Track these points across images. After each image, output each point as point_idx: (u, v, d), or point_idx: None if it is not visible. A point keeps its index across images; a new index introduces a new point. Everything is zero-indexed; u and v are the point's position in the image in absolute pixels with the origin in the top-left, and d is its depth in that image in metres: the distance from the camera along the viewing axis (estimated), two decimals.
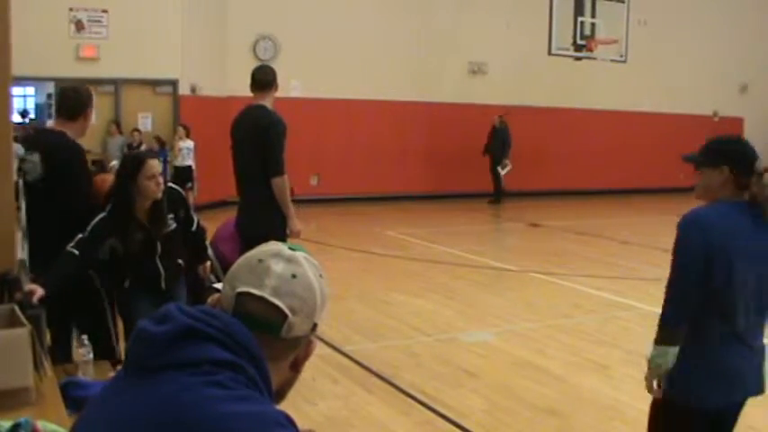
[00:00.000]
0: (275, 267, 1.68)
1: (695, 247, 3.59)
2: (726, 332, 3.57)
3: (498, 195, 20.27)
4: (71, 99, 5.58)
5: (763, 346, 3.72)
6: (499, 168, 20.00)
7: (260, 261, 1.70)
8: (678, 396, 3.66)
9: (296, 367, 1.76)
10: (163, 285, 5.38)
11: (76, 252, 4.95)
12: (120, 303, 5.45)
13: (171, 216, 5.33)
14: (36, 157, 5.15)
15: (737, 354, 3.60)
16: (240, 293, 1.68)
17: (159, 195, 5.17)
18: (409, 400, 6.47)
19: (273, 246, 1.75)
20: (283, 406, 1.75)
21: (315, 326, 1.71)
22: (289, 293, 1.66)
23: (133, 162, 5.21)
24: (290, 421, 1.58)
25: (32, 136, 5.86)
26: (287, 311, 1.65)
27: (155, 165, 5.15)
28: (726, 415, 3.76)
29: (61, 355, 4.79)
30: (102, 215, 5.10)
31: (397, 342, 8.10)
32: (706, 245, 3.54)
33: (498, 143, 20.27)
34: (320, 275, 1.74)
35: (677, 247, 3.72)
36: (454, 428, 5.73)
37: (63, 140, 5.42)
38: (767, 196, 3.55)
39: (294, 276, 1.68)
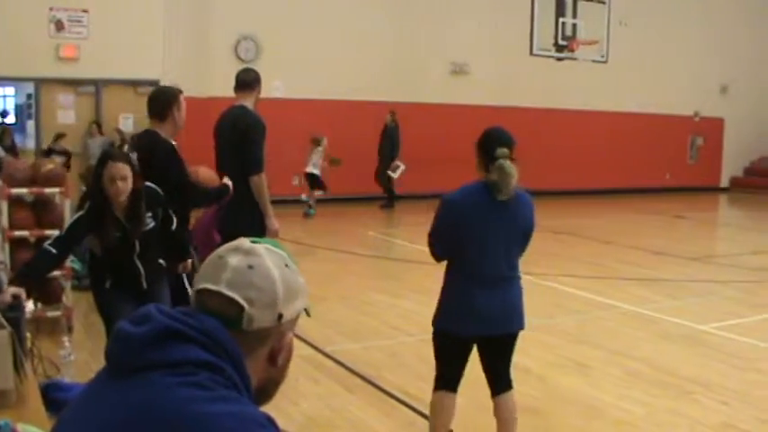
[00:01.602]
0: (232, 261, 1.68)
1: (442, 218, 4.75)
2: (469, 277, 4.70)
3: (391, 200, 19.53)
4: (157, 100, 5.99)
5: (510, 290, 4.77)
6: (389, 172, 19.35)
7: (219, 257, 1.71)
8: (438, 324, 4.87)
9: (273, 361, 1.74)
10: (143, 285, 5.36)
11: (53, 250, 5.00)
12: (101, 304, 5.42)
13: (149, 215, 5.30)
14: (135, 158, 5.54)
15: (478, 294, 4.67)
16: (198, 290, 1.69)
17: (122, 198, 5.09)
18: (392, 400, 6.48)
19: (236, 241, 1.75)
20: (264, 406, 1.75)
21: (281, 316, 1.69)
22: (245, 285, 1.66)
23: (100, 161, 5.19)
24: (270, 422, 1.58)
25: (135, 138, 6.23)
26: (243, 303, 1.65)
27: (118, 168, 5.03)
28: (474, 343, 4.83)
29: None
30: (80, 213, 5.11)
31: (379, 342, 8.10)
32: (451, 216, 4.71)
33: (388, 143, 19.54)
34: (285, 265, 1.72)
35: (435, 216, 4.81)
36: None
37: (155, 139, 5.86)
38: (495, 180, 4.56)
39: (251, 267, 1.67)
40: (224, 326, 1.63)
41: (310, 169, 17.98)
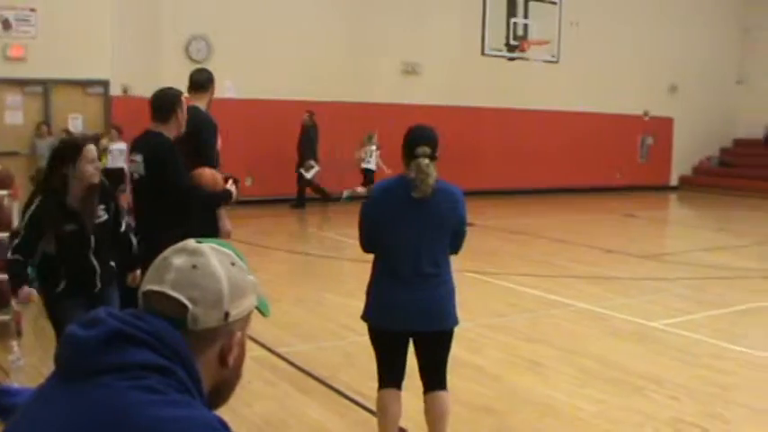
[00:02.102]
0: (176, 261, 1.67)
1: (364, 212, 4.85)
2: (388, 273, 4.77)
3: (302, 200, 19.23)
4: (162, 102, 6.09)
5: (432, 287, 4.73)
6: (302, 170, 19.08)
7: (164, 258, 1.70)
8: (364, 318, 4.92)
9: (224, 362, 1.72)
10: (98, 284, 5.30)
11: (20, 258, 5.04)
12: (52, 307, 5.33)
13: (102, 207, 5.29)
14: (139, 158, 5.85)
15: (395, 290, 4.73)
16: (145, 292, 1.68)
17: (97, 180, 5.20)
18: (345, 400, 6.47)
19: (182, 242, 1.74)
20: (218, 408, 1.74)
21: (227, 315, 1.67)
22: (188, 285, 1.64)
23: (73, 147, 5.19)
24: (223, 425, 1.57)
25: (137, 139, 6.22)
26: (187, 303, 1.63)
27: (93, 149, 5.19)
28: (403, 338, 4.84)
29: None
30: (32, 210, 5.05)
31: (332, 343, 8.09)
32: (371, 212, 4.81)
33: (306, 143, 19.28)
34: (232, 264, 1.71)
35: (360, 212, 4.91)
36: None
37: (160, 140, 5.91)
38: (413, 177, 4.60)
39: (194, 267, 1.66)
40: (172, 327, 1.61)
41: (365, 165, 19.92)
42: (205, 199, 6.29)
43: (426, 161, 4.60)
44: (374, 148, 19.55)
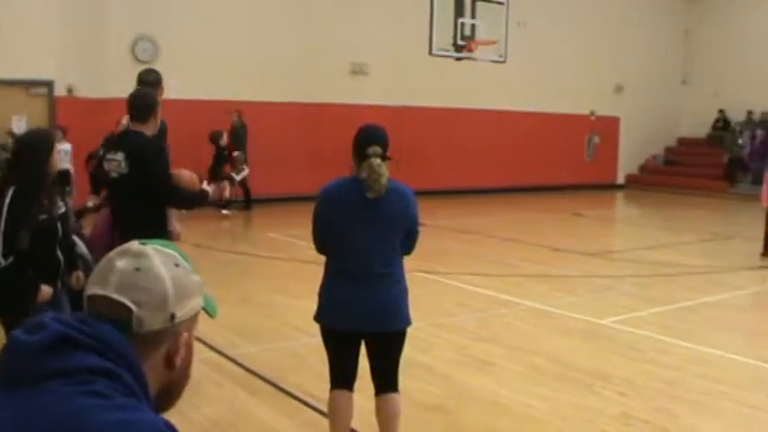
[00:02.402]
0: (119, 264, 1.66)
1: (318, 213, 4.81)
2: (340, 273, 4.76)
3: (228, 201, 18.15)
4: (142, 101, 6.05)
5: (382, 288, 4.70)
6: (233, 173, 18.18)
7: (108, 261, 1.69)
8: (316, 317, 4.92)
9: (171, 364, 1.70)
10: (59, 282, 5.25)
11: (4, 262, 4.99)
12: (9, 307, 5.16)
13: (60, 199, 5.32)
14: (120, 156, 5.82)
15: (348, 290, 4.71)
16: (89, 296, 1.66)
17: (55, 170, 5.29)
18: (295, 401, 6.45)
19: (126, 244, 1.72)
20: (167, 411, 1.72)
21: (173, 316, 1.66)
22: (132, 287, 1.63)
23: (47, 138, 5.32)
24: (170, 428, 1.55)
25: (117, 138, 6.18)
26: (131, 306, 1.62)
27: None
28: (355, 339, 4.83)
29: None
30: (5, 211, 4.97)
31: (281, 344, 8.05)
32: (324, 212, 4.79)
33: (236, 143, 18.77)
34: (176, 265, 1.69)
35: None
36: None
37: (144, 139, 5.90)
38: (365, 177, 4.58)
39: (138, 269, 1.65)
40: (117, 330, 1.59)
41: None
42: (186, 199, 6.29)
43: (378, 161, 4.59)
44: None
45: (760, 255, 13.51)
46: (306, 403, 6.36)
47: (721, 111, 28.73)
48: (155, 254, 1.69)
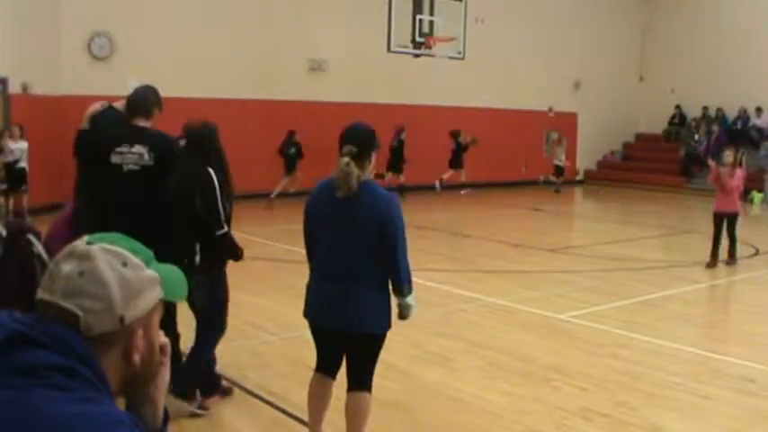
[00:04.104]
0: (64, 268, 1.63)
1: (305, 209, 4.96)
2: (317, 271, 4.89)
3: None
4: (146, 99, 6.36)
5: (355, 288, 4.70)
6: None
7: (56, 264, 1.66)
8: (303, 314, 4.97)
9: (129, 361, 1.68)
10: None
11: None
12: None
13: None
14: (143, 149, 6.01)
15: (321, 289, 4.82)
16: (38, 300, 1.64)
17: None
18: (256, 400, 6.42)
19: (72, 244, 1.69)
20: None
21: (122, 318, 1.63)
22: (77, 293, 1.60)
23: None
24: (133, 421, 1.54)
25: (129, 132, 6.20)
26: (77, 311, 1.59)
27: None
28: (331, 335, 4.88)
29: None
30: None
31: (241, 342, 7.98)
32: (306, 210, 4.94)
33: None
34: (123, 264, 1.66)
35: None
36: (302, 427, 5.69)
37: (166, 136, 6.28)
38: (335, 176, 4.66)
39: (81, 274, 1.61)
40: (70, 330, 1.58)
41: (557, 162, 25.30)
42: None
43: (346, 160, 4.60)
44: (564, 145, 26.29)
45: (705, 265, 12.56)
46: (267, 402, 6.34)
47: (678, 107, 29.05)
48: (100, 254, 1.65)
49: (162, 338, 1.79)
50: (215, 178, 5.89)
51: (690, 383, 7.01)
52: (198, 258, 5.98)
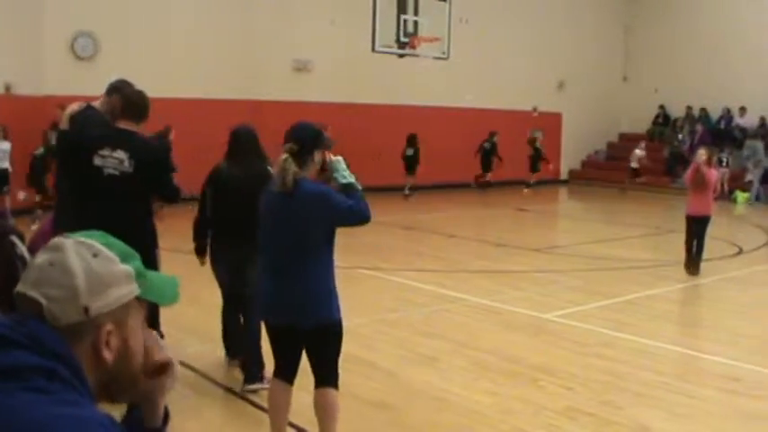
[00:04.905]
0: (37, 260, 1.64)
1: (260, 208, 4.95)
2: (264, 266, 4.90)
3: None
4: (142, 102, 6.31)
5: (298, 282, 4.69)
6: None
7: (33, 258, 1.68)
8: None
9: (99, 358, 1.64)
10: None
11: None
12: None
13: None
14: (124, 155, 5.91)
15: (266, 283, 4.82)
16: (15, 294, 1.64)
17: None
18: (241, 401, 6.38)
19: (53, 239, 1.69)
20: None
21: (86, 309, 1.61)
22: (45, 282, 1.60)
23: None
24: (113, 423, 1.52)
25: (112, 135, 6.11)
26: (41, 300, 1.58)
27: None
28: (282, 331, 4.87)
29: None
30: None
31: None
32: (260, 205, 4.93)
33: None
34: (93, 255, 1.65)
35: None
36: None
37: (152, 142, 6.28)
38: (273, 173, 4.76)
39: (51, 264, 1.62)
40: (46, 326, 1.56)
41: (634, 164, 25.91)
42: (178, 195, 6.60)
43: (284, 156, 4.64)
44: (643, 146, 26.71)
45: (685, 268, 12.04)
46: (251, 402, 6.30)
47: (661, 107, 29.13)
48: (72, 246, 1.65)
49: (164, 355, 1.78)
50: None
51: (675, 383, 7.02)
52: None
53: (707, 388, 6.97)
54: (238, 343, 6.94)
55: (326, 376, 4.86)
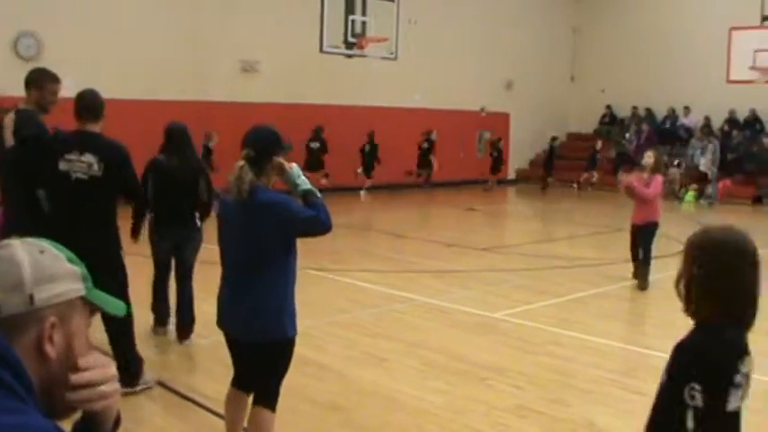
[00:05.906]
0: None
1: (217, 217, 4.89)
2: (222, 276, 4.79)
3: None
4: (95, 102, 6.21)
5: (252, 294, 4.56)
6: None
7: None
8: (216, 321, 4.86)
9: (42, 354, 1.61)
10: None
11: None
12: None
13: None
14: (92, 159, 5.90)
15: (222, 294, 4.75)
16: None
17: None
18: (188, 403, 6.33)
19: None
20: (66, 416, 1.68)
21: (32, 298, 1.59)
22: None
23: None
24: (58, 430, 1.49)
25: (77, 138, 6.08)
26: None
27: None
28: (238, 346, 4.77)
29: None
30: None
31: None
32: (217, 215, 4.89)
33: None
34: (40, 251, 1.65)
35: None
36: None
37: (116, 144, 6.19)
38: (229, 180, 4.49)
39: None
40: None
41: (703, 168, 25.00)
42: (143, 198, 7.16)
43: (240, 163, 4.44)
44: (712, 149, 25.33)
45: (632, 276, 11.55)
46: (200, 405, 6.25)
47: (608, 106, 29.45)
48: (20, 244, 1.65)
49: (110, 370, 1.74)
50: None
51: (624, 380, 7.10)
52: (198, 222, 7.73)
53: (654, 384, 6.98)
54: (166, 310, 8.08)
55: (263, 395, 4.67)
